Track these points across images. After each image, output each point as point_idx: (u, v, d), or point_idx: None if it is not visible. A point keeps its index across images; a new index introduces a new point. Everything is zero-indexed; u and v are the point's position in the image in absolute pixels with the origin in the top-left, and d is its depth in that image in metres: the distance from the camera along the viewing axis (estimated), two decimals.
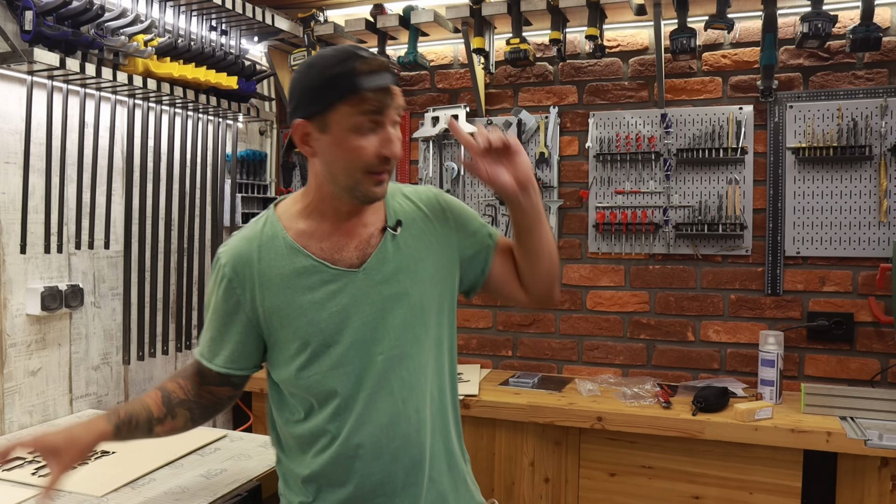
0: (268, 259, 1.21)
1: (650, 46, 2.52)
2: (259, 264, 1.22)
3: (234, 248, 1.25)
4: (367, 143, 1.12)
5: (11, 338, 1.88)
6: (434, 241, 1.27)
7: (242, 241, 1.26)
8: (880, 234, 2.25)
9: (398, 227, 1.24)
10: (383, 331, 1.19)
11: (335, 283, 1.19)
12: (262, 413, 2.67)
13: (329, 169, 1.16)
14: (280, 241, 1.22)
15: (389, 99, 1.13)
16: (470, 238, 1.31)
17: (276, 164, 2.99)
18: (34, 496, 1.42)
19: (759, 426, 1.97)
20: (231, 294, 1.23)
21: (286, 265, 1.20)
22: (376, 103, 1.11)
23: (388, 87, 1.12)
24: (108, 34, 1.94)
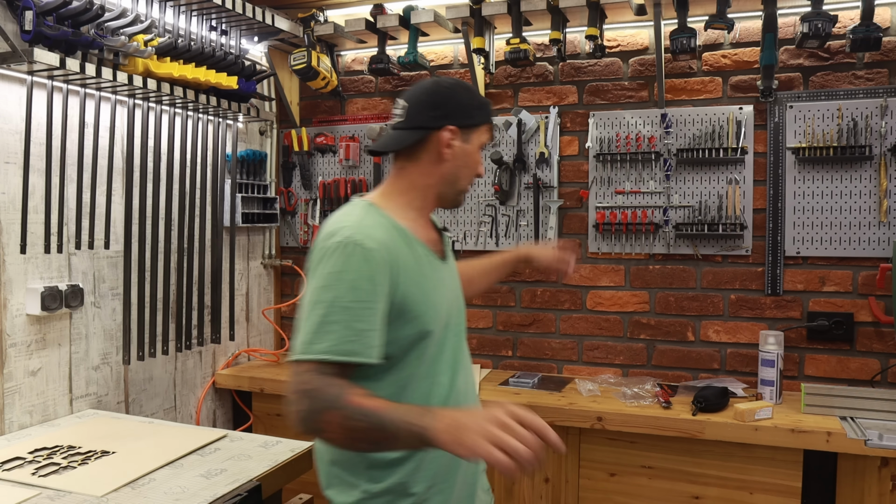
0: (396, 246, 1.26)
1: (650, 46, 2.52)
2: (396, 250, 1.25)
3: (373, 234, 1.23)
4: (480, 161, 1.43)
5: (11, 338, 1.88)
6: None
7: (374, 227, 1.26)
8: (880, 234, 2.26)
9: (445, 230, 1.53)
10: (460, 320, 1.42)
11: (440, 272, 1.36)
12: (262, 413, 2.67)
13: (455, 172, 1.38)
14: (398, 230, 1.30)
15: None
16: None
17: (276, 164, 2.99)
18: (34, 496, 1.42)
19: (759, 426, 1.97)
20: (385, 279, 1.20)
21: (410, 252, 1.29)
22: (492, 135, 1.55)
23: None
24: (108, 34, 1.94)
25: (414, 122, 1.35)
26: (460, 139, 1.35)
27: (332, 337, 1.14)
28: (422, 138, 1.35)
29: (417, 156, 1.36)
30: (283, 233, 3.07)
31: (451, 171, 1.36)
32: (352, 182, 2.91)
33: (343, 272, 1.18)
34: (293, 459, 1.69)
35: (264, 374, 2.65)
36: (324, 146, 2.95)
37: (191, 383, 2.57)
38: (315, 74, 2.65)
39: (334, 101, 2.99)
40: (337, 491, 1.30)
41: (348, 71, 2.97)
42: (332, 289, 1.17)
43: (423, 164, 1.35)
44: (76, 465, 1.58)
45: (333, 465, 1.31)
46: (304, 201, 3.01)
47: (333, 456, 1.31)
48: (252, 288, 2.90)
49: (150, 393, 2.37)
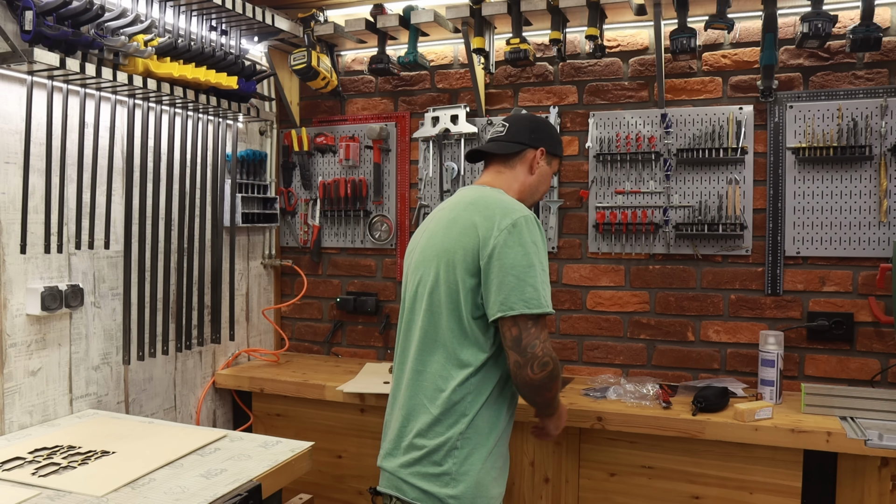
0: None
1: (650, 46, 2.52)
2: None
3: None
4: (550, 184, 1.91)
5: (11, 338, 1.88)
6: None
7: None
8: (880, 234, 2.26)
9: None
10: None
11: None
12: (262, 413, 2.67)
13: (537, 185, 1.80)
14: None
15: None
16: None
17: (276, 164, 2.99)
18: (34, 496, 1.42)
19: (759, 426, 1.97)
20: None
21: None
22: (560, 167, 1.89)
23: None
24: (108, 34, 1.94)
25: (515, 137, 1.77)
26: (545, 161, 1.79)
27: (548, 294, 1.54)
28: (520, 151, 1.77)
29: (513, 164, 1.77)
30: (283, 233, 3.07)
31: (534, 184, 1.78)
32: (352, 182, 2.91)
33: (540, 241, 1.57)
34: (293, 459, 1.70)
35: (264, 374, 2.65)
36: (324, 146, 2.95)
37: (191, 383, 2.57)
38: (315, 74, 2.65)
39: (334, 101, 2.99)
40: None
41: (348, 71, 2.97)
42: (538, 255, 1.55)
43: (516, 172, 1.76)
44: (76, 465, 1.58)
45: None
46: (304, 201, 3.01)
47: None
48: (252, 288, 2.90)
49: (150, 393, 2.37)
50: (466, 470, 1.56)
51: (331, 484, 2.53)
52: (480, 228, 1.57)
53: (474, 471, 1.56)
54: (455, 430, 1.55)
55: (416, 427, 1.60)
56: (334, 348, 3.03)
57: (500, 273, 1.52)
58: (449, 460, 1.54)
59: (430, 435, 1.57)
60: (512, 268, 1.51)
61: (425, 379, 1.62)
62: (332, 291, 3.02)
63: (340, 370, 2.72)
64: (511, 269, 1.51)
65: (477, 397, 1.58)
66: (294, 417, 2.60)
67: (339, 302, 2.95)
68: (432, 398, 1.59)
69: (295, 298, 3.00)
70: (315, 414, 2.55)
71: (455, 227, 1.63)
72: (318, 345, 3.06)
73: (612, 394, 2.25)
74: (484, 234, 1.56)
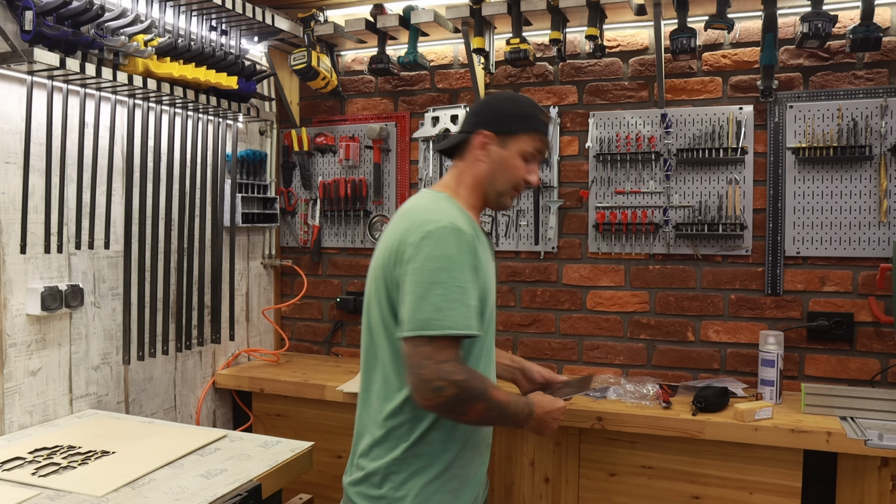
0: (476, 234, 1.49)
1: (650, 46, 2.52)
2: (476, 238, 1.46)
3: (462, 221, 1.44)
4: (523, 169, 1.55)
5: (11, 338, 1.88)
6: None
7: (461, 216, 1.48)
8: (880, 234, 2.25)
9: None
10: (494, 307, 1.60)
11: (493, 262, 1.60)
12: (262, 413, 2.67)
13: (491, 175, 1.54)
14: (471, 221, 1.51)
15: (546, 146, 1.59)
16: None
17: (276, 164, 2.99)
18: (34, 496, 1.42)
19: (759, 426, 1.97)
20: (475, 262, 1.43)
21: (483, 240, 1.53)
22: (542, 145, 1.56)
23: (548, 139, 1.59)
24: (108, 34, 1.94)
25: (462, 126, 1.61)
26: (496, 144, 1.53)
27: (456, 314, 1.34)
28: (463, 140, 1.58)
29: (464, 156, 1.59)
30: (283, 233, 3.07)
31: (487, 174, 1.54)
32: (352, 182, 2.91)
33: (454, 255, 1.37)
34: (293, 459, 1.70)
35: (264, 374, 2.65)
36: (324, 146, 2.95)
37: (191, 383, 2.57)
38: (315, 74, 2.65)
39: (334, 101, 2.99)
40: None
41: (348, 71, 2.97)
42: (446, 270, 1.36)
43: (466, 164, 1.57)
44: (76, 465, 1.59)
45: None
46: (304, 201, 3.01)
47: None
48: (252, 288, 2.90)
49: (150, 393, 2.37)
50: (404, 495, 1.45)
51: (331, 484, 2.53)
52: (397, 242, 1.44)
53: (412, 495, 1.44)
54: (392, 455, 1.44)
55: (361, 447, 1.52)
56: (334, 348, 3.03)
57: (406, 290, 1.38)
58: (386, 484, 1.44)
59: (370, 456, 1.48)
60: (415, 285, 1.35)
61: (370, 398, 1.53)
62: (332, 291, 3.02)
63: (340, 370, 2.72)
64: (414, 287, 1.35)
65: (415, 424, 1.44)
66: (294, 417, 2.60)
67: (339, 302, 2.95)
68: (374, 419, 1.49)
69: (295, 298, 3.00)
70: (315, 414, 2.55)
71: (383, 241, 1.52)
72: (318, 345, 3.06)
73: (612, 394, 2.25)
74: (399, 249, 1.43)
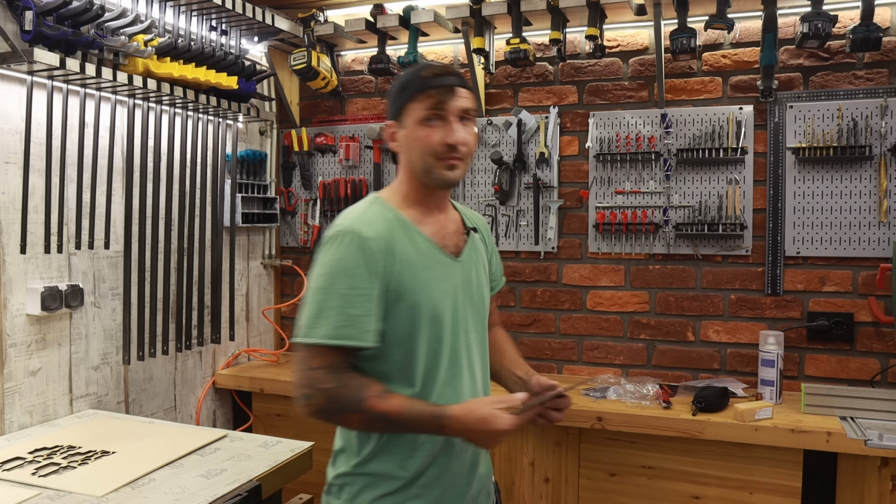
0: (398, 236, 1.33)
1: (650, 46, 2.52)
2: (392, 240, 1.31)
3: (366, 224, 1.31)
4: (433, 132, 1.32)
5: (11, 338, 1.88)
6: (484, 253, 1.51)
7: (372, 219, 1.33)
8: (880, 234, 2.25)
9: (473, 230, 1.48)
10: (468, 316, 1.39)
11: (443, 267, 1.36)
12: (262, 413, 2.67)
13: (409, 157, 1.37)
14: (403, 222, 1.35)
15: (450, 96, 1.32)
16: (495, 266, 1.58)
17: (276, 164, 2.99)
18: (34, 496, 1.42)
19: (759, 426, 1.97)
20: (377, 266, 1.28)
21: (409, 244, 1.33)
22: (437, 99, 1.31)
23: (450, 87, 1.32)
24: (108, 34, 1.94)
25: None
26: (399, 128, 1.38)
27: (329, 322, 1.24)
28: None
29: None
30: (283, 233, 3.07)
31: (406, 160, 1.38)
32: (352, 182, 2.91)
33: (340, 260, 1.26)
34: (293, 459, 1.70)
35: (264, 374, 2.65)
36: (324, 146, 2.95)
37: (191, 383, 2.57)
38: (315, 74, 2.65)
39: (334, 101, 2.99)
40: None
41: (348, 71, 2.97)
42: (330, 276, 1.26)
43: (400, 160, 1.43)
44: (76, 465, 1.59)
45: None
46: (304, 201, 3.01)
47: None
48: (252, 288, 2.90)
49: (150, 393, 2.37)
50: None
51: None
52: None
53: None
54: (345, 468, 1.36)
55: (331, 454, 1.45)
56: None
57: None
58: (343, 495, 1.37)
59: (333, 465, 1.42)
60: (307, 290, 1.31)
61: None
62: None
63: None
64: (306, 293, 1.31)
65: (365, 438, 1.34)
66: (294, 417, 2.60)
67: None
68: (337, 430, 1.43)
69: (295, 298, 3.00)
70: None
71: None
72: None
73: (612, 394, 2.25)
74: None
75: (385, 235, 1.30)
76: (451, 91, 1.32)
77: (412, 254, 1.32)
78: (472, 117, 1.36)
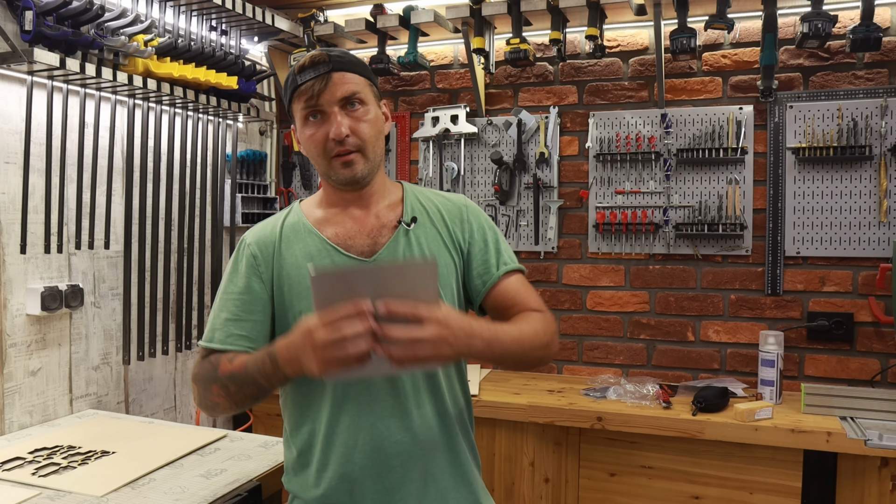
0: (287, 241, 1.28)
1: (650, 46, 2.52)
2: (278, 245, 1.28)
3: (257, 231, 1.32)
4: (316, 130, 1.22)
5: (11, 338, 1.88)
6: (445, 241, 1.30)
7: (266, 225, 1.33)
8: (880, 234, 2.25)
9: (413, 222, 1.28)
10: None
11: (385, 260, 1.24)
12: (262, 413, 2.67)
13: (309, 158, 1.28)
14: (300, 225, 1.29)
15: (321, 85, 1.19)
16: (480, 257, 1.31)
17: (276, 164, 2.99)
18: (34, 496, 1.42)
19: (759, 426, 1.97)
20: (254, 272, 1.27)
21: (302, 247, 1.26)
22: (309, 92, 1.20)
23: (320, 77, 1.19)
24: (108, 34, 1.94)
25: None
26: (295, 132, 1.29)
27: (208, 325, 1.27)
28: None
29: None
30: None
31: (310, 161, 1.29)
32: None
33: (229, 267, 1.30)
34: None
35: None
36: None
37: (190, 383, 2.56)
38: None
39: None
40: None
41: None
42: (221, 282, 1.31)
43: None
44: (76, 465, 1.58)
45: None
46: None
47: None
48: None
49: (150, 393, 2.37)
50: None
51: None
52: None
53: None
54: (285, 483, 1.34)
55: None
56: None
57: None
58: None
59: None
60: None
61: None
62: None
63: None
64: None
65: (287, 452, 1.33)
66: None
67: None
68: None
69: None
70: None
71: None
72: None
73: (612, 394, 2.25)
74: None
75: (271, 241, 1.27)
76: (323, 81, 1.19)
77: (305, 258, 1.24)
78: (361, 100, 1.22)
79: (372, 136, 1.24)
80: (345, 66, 1.21)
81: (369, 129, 1.23)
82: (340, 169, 1.22)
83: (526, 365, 1.29)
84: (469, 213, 1.33)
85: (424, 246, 1.27)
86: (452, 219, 1.32)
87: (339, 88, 1.20)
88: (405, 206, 1.31)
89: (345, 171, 1.22)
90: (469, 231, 1.32)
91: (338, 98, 1.20)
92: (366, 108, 1.23)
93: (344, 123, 1.20)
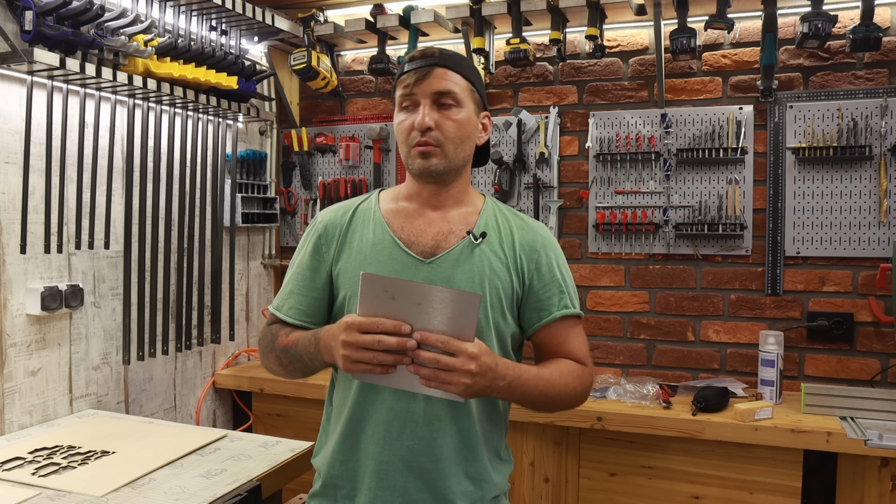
0: (355, 226, 1.33)
1: (650, 46, 2.52)
2: (346, 228, 1.32)
3: (331, 211, 1.38)
4: (405, 118, 1.26)
5: (11, 338, 1.88)
6: (508, 265, 1.29)
7: (339, 208, 1.38)
8: (880, 234, 2.25)
9: (481, 237, 1.28)
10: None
11: (398, 264, 1.26)
12: (262, 413, 2.67)
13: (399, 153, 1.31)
14: (371, 213, 1.33)
15: (420, 76, 1.24)
16: (543, 292, 1.31)
17: (276, 164, 2.99)
18: (34, 496, 1.42)
19: (759, 426, 1.97)
20: (318, 250, 1.33)
21: (368, 235, 1.30)
22: (408, 81, 1.25)
23: (421, 69, 1.24)
24: (108, 34, 1.94)
25: None
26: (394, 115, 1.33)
27: (279, 294, 1.37)
28: None
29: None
30: (283, 233, 3.07)
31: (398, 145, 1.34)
32: (352, 182, 2.90)
33: (300, 241, 1.38)
34: (293, 459, 1.70)
35: (264, 374, 2.64)
36: (324, 146, 2.95)
37: (191, 383, 2.57)
38: (315, 74, 2.65)
39: (334, 101, 2.99)
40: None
41: (348, 71, 2.97)
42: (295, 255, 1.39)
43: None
44: (76, 465, 1.58)
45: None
46: (304, 201, 3.01)
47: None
48: (252, 288, 2.90)
49: (150, 393, 2.37)
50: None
51: None
52: None
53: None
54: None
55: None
56: None
57: None
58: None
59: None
60: None
61: None
62: None
63: None
64: None
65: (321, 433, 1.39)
66: (294, 417, 2.60)
67: None
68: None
69: None
70: (315, 414, 2.54)
71: None
72: None
73: (612, 394, 2.25)
74: None
75: (340, 223, 1.33)
76: (423, 73, 1.23)
77: (367, 245, 1.28)
78: (456, 100, 1.25)
79: (456, 136, 1.25)
80: (449, 65, 1.25)
81: (455, 128, 1.25)
82: (416, 158, 1.25)
83: (546, 410, 1.33)
84: (543, 245, 1.32)
85: (484, 264, 1.26)
86: (523, 244, 1.31)
87: (435, 83, 1.23)
88: (480, 219, 1.31)
89: (420, 160, 1.25)
90: (537, 262, 1.30)
91: (432, 91, 1.23)
92: (458, 109, 1.25)
93: (430, 116, 1.23)
